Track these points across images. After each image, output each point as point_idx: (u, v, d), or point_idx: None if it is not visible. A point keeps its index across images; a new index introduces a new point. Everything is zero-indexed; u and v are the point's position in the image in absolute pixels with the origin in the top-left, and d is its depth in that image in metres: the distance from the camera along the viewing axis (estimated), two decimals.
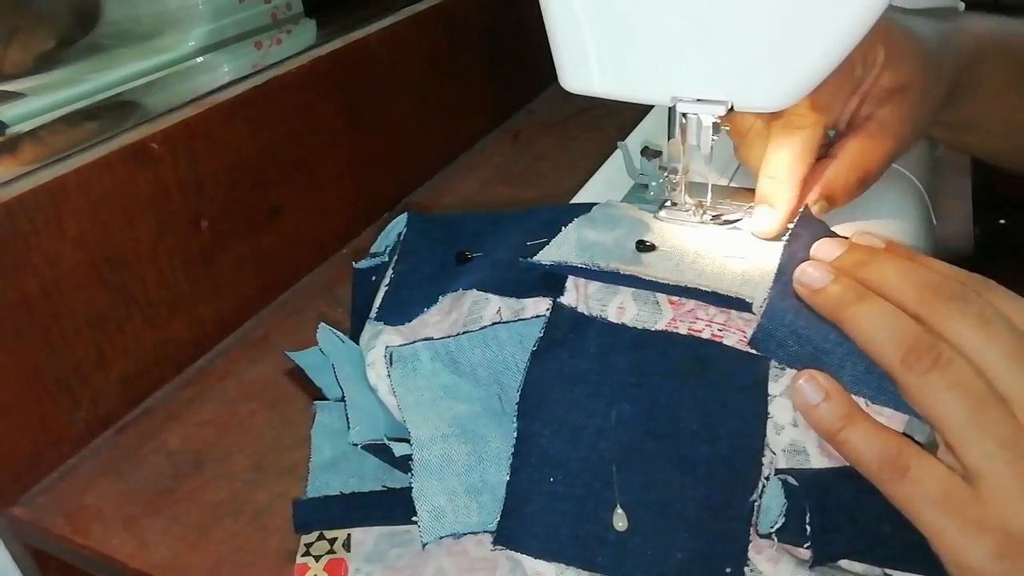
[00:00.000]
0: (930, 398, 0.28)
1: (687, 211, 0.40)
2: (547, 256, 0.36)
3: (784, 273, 0.34)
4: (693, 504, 0.30)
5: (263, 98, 0.51)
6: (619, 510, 0.30)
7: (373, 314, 0.40)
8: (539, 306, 0.35)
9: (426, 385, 0.35)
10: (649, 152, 0.43)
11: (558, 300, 0.35)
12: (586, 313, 0.34)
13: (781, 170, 0.38)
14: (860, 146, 0.40)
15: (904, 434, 0.30)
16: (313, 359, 0.41)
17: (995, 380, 0.27)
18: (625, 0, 0.34)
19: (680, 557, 0.30)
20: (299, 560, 0.35)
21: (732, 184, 0.47)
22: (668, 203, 0.41)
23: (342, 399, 0.37)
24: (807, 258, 0.34)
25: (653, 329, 0.33)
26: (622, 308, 0.34)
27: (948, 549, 0.27)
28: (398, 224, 0.45)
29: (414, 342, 0.37)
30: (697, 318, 0.33)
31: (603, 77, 0.37)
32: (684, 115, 0.37)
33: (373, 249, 0.46)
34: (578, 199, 0.47)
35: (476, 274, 0.39)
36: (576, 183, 0.49)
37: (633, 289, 0.35)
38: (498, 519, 0.31)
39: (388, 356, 0.36)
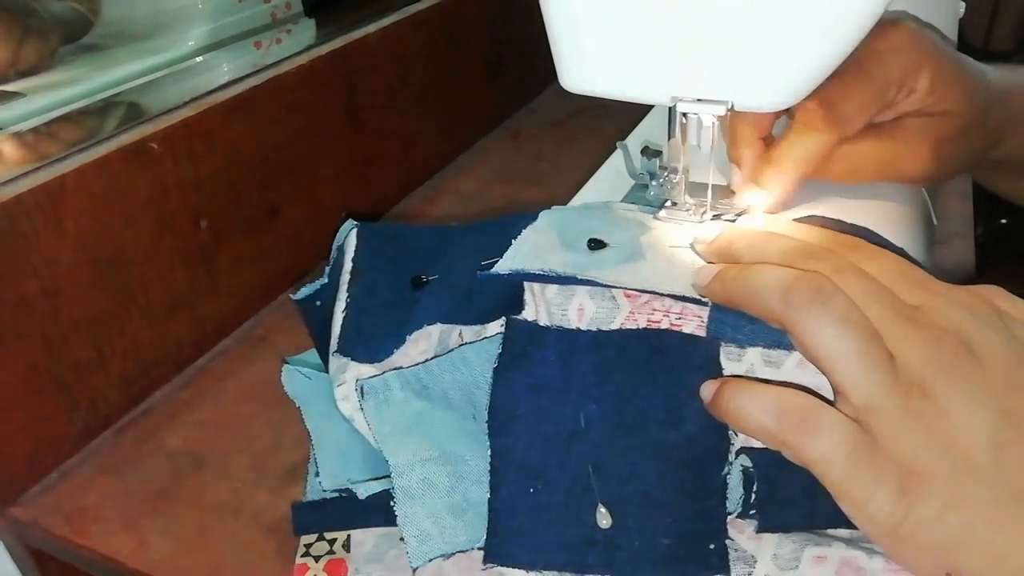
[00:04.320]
0: (818, 334, 0.27)
1: (687, 211, 0.40)
2: (503, 267, 0.37)
3: None
4: (671, 490, 0.31)
5: (263, 98, 0.51)
6: (601, 508, 0.31)
7: (334, 346, 0.39)
8: (502, 325, 0.36)
9: (400, 414, 0.35)
10: (649, 152, 0.43)
11: (512, 316, 0.35)
12: (547, 321, 0.35)
13: (785, 160, 0.38)
14: (871, 145, 0.39)
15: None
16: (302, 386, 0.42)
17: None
18: (625, 0, 0.34)
19: (666, 543, 0.30)
20: (299, 560, 0.35)
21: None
22: (668, 203, 0.41)
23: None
24: None
25: (613, 326, 0.34)
26: (582, 310, 0.35)
27: (854, 503, 0.27)
28: (343, 231, 0.44)
29: (384, 373, 0.37)
30: (654, 309, 0.34)
31: (603, 77, 0.37)
32: (684, 115, 0.37)
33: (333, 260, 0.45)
34: (578, 199, 0.47)
35: (437, 305, 0.38)
36: (576, 183, 0.49)
37: (589, 288, 0.35)
38: (484, 537, 0.32)
39: (359, 389, 0.36)
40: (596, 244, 0.37)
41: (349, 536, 0.35)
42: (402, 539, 0.32)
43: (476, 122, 0.77)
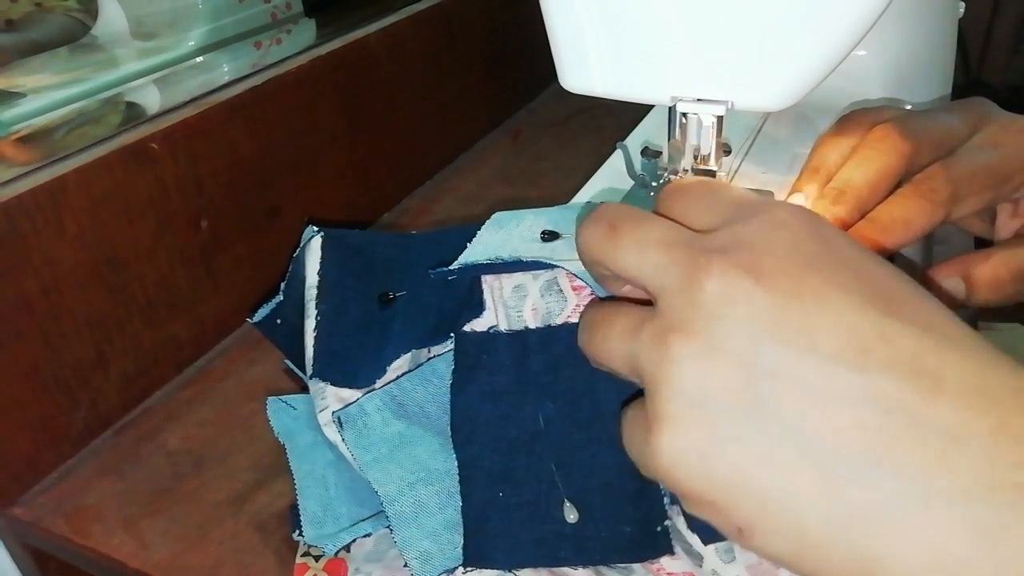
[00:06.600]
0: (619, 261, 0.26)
1: None
2: (455, 264, 0.37)
3: None
4: (628, 477, 0.32)
5: (263, 98, 0.51)
6: (567, 504, 0.32)
7: (310, 370, 0.39)
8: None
9: (380, 438, 0.35)
10: (649, 152, 0.43)
11: (460, 331, 0.36)
12: (504, 324, 0.36)
13: (888, 223, 0.35)
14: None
15: None
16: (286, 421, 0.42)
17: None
18: (625, 0, 0.34)
19: (629, 531, 0.32)
20: (299, 560, 0.35)
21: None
22: None
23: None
24: None
25: (559, 320, 0.35)
26: (535, 309, 0.35)
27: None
28: (305, 237, 0.43)
29: (359, 399, 0.37)
30: None
31: (603, 77, 0.37)
32: (684, 115, 0.37)
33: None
34: (578, 199, 0.47)
35: (412, 330, 0.39)
36: (576, 183, 0.49)
37: (540, 285, 0.36)
38: (462, 542, 0.33)
39: (337, 420, 0.36)
40: (549, 235, 0.38)
41: None
42: (405, 565, 0.33)
43: (476, 122, 0.77)
